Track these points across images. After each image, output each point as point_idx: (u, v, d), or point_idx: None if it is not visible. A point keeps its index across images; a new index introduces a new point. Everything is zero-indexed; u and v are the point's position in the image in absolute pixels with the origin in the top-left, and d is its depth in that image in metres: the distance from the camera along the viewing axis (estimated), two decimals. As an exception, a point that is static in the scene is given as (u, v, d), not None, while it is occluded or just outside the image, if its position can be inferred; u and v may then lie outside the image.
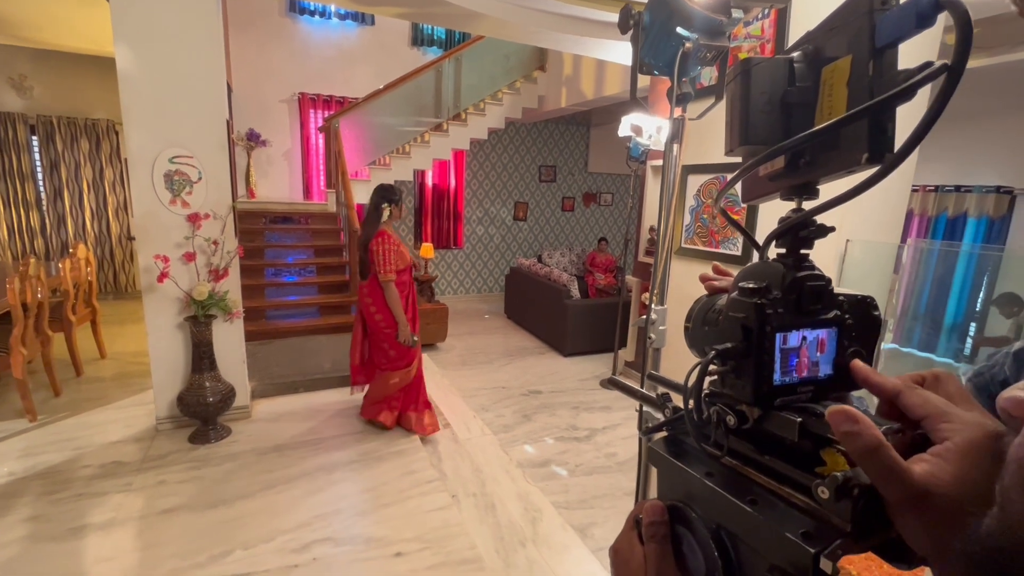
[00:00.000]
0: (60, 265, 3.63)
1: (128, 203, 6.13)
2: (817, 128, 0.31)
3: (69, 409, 3.19)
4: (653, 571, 0.36)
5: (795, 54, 0.35)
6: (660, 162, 4.47)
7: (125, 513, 2.22)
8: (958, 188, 4.91)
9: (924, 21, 0.27)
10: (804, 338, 0.33)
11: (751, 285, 0.33)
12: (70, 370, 3.68)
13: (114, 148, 6.03)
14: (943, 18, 0.27)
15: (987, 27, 2.71)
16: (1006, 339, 3.10)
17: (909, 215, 4.88)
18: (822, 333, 0.34)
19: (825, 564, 0.27)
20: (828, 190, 0.34)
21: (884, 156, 0.29)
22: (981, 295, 3.90)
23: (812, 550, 0.27)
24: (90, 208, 6.06)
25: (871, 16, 0.29)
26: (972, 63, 3.21)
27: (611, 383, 0.52)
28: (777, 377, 0.32)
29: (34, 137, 5.73)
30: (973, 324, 4.21)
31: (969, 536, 0.25)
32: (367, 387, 3.19)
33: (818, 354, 0.34)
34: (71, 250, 4.17)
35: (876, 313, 0.36)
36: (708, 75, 2.14)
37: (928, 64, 0.27)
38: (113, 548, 2.02)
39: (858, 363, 0.33)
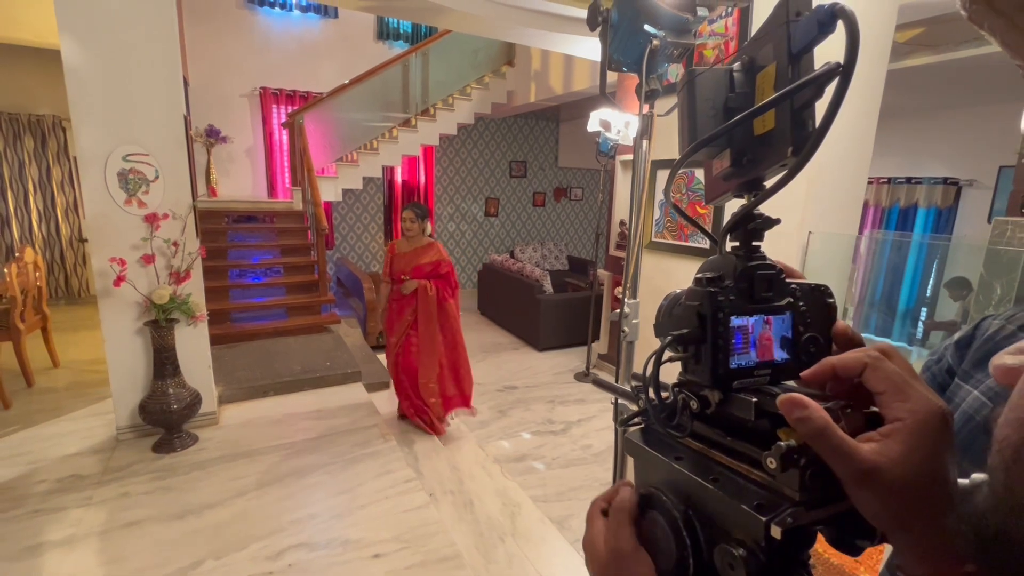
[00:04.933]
0: (5, 270, 3.42)
1: (79, 203, 5.82)
2: (731, 121, 0.35)
3: (20, 422, 3.02)
4: (612, 537, 0.38)
5: (735, 64, 0.38)
6: (629, 157, 4.53)
7: (86, 528, 2.12)
8: (909, 180, 5.16)
9: (825, 28, 0.30)
10: (758, 323, 0.35)
11: (707, 275, 0.36)
12: (20, 381, 3.48)
13: (61, 146, 5.71)
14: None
15: (932, 27, 2.85)
16: (953, 323, 3.28)
17: (865, 206, 5.11)
18: (776, 319, 0.36)
19: (775, 531, 0.29)
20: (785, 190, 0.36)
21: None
22: (931, 282, 4.11)
23: (763, 518, 0.29)
24: (37, 209, 5.73)
25: (788, 26, 0.32)
26: (919, 61, 3.37)
27: (594, 383, 0.53)
28: (734, 360, 0.34)
29: (-28, 134, 5.39)
30: (924, 309, 4.44)
31: (958, 514, 0.26)
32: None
33: (773, 339, 0.36)
34: (17, 254, 3.94)
35: (830, 300, 0.38)
36: (675, 72, 2.17)
37: (826, 64, 0.30)
38: (74, 565, 1.93)
39: (842, 324, 0.34)
